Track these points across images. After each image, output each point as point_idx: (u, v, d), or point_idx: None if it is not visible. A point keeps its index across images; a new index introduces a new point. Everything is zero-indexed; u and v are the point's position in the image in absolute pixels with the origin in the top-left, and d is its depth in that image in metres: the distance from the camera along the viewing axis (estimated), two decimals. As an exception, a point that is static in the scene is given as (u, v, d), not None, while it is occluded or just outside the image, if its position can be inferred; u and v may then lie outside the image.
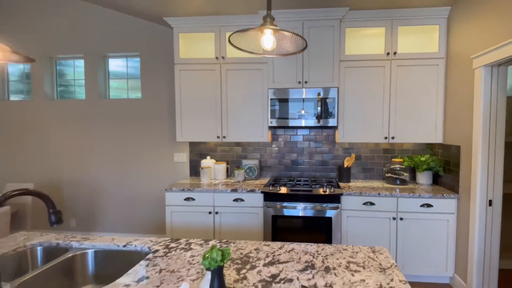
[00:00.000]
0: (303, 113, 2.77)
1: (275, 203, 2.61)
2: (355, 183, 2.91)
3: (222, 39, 2.90)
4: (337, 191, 2.56)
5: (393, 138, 2.78)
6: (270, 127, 2.93)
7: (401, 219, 2.54)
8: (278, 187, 2.63)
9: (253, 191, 2.65)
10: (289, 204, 2.59)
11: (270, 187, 2.66)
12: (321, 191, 2.56)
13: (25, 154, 3.60)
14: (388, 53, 2.73)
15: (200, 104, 2.97)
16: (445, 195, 2.46)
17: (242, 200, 2.67)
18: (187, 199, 2.70)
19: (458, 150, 2.48)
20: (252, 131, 2.94)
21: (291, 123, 2.79)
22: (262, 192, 2.64)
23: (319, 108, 2.71)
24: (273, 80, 2.84)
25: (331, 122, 2.74)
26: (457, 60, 2.52)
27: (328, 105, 2.75)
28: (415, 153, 3.06)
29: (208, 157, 3.10)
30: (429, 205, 2.50)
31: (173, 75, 3.31)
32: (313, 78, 2.80)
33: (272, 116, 2.81)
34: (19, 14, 3.51)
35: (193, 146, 3.33)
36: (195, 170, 3.33)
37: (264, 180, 3.06)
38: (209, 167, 2.93)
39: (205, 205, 2.69)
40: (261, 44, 1.00)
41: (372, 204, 2.56)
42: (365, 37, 2.96)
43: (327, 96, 2.74)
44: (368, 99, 2.80)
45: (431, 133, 2.75)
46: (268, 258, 1.27)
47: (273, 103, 2.81)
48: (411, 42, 2.89)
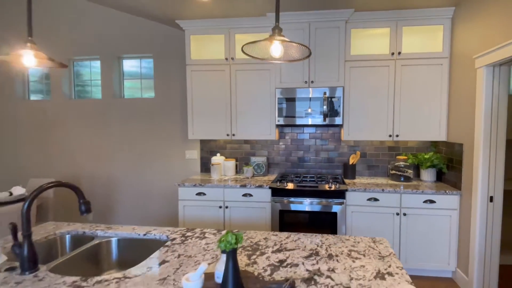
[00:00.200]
0: (310, 111, 2.87)
1: (282, 198, 2.72)
2: (360, 180, 2.99)
3: (232, 41, 3.01)
4: (342, 187, 2.66)
5: (397, 136, 2.85)
6: (278, 125, 3.04)
7: (405, 214, 2.62)
8: (285, 183, 2.75)
9: (261, 186, 2.76)
10: (296, 199, 2.70)
11: (278, 183, 2.77)
12: (326, 187, 2.66)
13: (46, 150, 3.80)
14: (392, 53, 2.80)
15: (210, 103, 3.10)
16: (447, 191, 2.54)
17: (251, 195, 2.79)
18: (198, 194, 2.84)
19: (461, 147, 2.54)
20: (260, 129, 3.05)
21: (298, 121, 2.89)
22: (270, 188, 2.75)
23: (325, 107, 2.81)
24: (280, 80, 2.94)
25: (337, 120, 2.83)
26: (460, 60, 2.58)
27: (333, 104, 2.84)
28: (419, 150, 3.13)
29: (218, 154, 3.23)
30: (432, 201, 2.57)
31: (185, 75, 3.44)
32: (319, 78, 2.89)
33: (280, 114, 2.92)
34: (41, 19, 3.68)
35: (203, 143, 3.47)
36: (205, 166, 3.47)
37: (271, 177, 3.17)
38: (219, 163, 3.07)
39: (216, 200, 2.83)
40: (270, 52, 1.11)
41: (376, 200, 2.65)
42: (370, 37, 3.03)
43: (332, 95, 2.83)
44: (373, 98, 2.87)
45: (435, 131, 2.81)
46: (276, 246, 1.39)
47: (280, 102, 2.91)
48: (416, 42, 2.96)
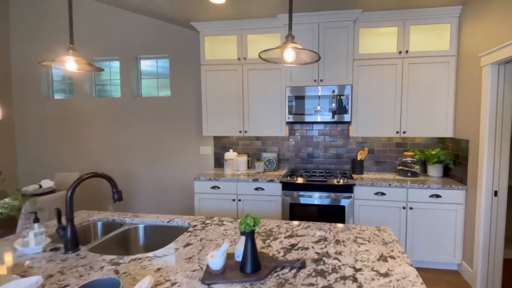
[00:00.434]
0: (319, 109, 2.98)
1: (292, 192, 2.85)
2: (368, 175, 3.09)
3: (244, 41, 3.14)
4: (350, 181, 2.77)
5: (404, 132, 2.94)
6: (288, 123, 3.16)
7: (411, 208, 2.71)
8: (295, 178, 2.87)
9: (272, 181, 2.90)
10: (305, 193, 2.83)
11: (288, 177, 2.90)
12: (335, 182, 2.77)
13: (69, 147, 4.03)
14: (400, 52, 2.88)
15: (223, 101, 3.24)
16: (453, 186, 2.62)
17: (263, 189, 2.93)
18: (213, 187, 3.00)
19: (467, 144, 2.61)
20: (271, 126, 3.18)
21: (307, 118, 3.00)
22: (280, 182, 2.88)
23: (334, 104, 2.91)
24: (291, 79, 3.06)
25: (345, 117, 2.94)
26: (467, 58, 2.64)
27: (342, 102, 2.94)
28: (426, 147, 3.20)
29: (231, 150, 3.38)
30: (437, 196, 2.66)
31: (200, 75, 3.60)
32: (328, 76, 2.99)
33: (290, 112, 3.04)
34: (65, 22, 3.90)
35: (217, 140, 3.63)
36: (219, 162, 3.63)
37: (282, 172, 3.30)
38: (232, 159, 3.22)
39: (229, 193, 2.98)
40: (283, 57, 1.24)
41: (383, 194, 2.74)
42: (377, 36, 3.11)
43: (341, 93, 2.93)
44: (381, 96, 2.96)
45: (441, 127, 2.88)
46: (288, 233, 1.53)
47: (290, 100, 3.03)
48: (423, 41, 3.02)
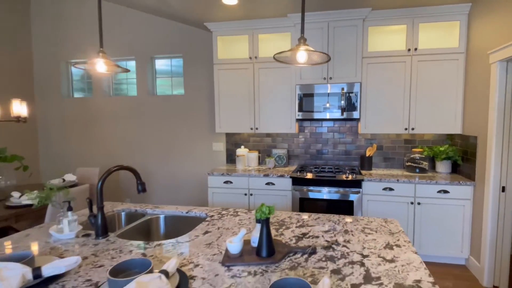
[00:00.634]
0: (328, 106, 3.05)
1: (302, 187, 2.94)
2: (376, 171, 3.16)
3: (255, 41, 3.23)
4: (359, 177, 2.84)
5: (413, 129, 2.98)
6: (297, 120, 3.24)
7: (419, 203, 2.77)
8: (304, 173, 2.96)
9: (282, 176, 3.00)
10: (315, 188, 2.91)
11: (298, 173, 2.99)
12: (343, 177, 2.85)
13: (89, 143, 4.22)
14: (409, 49, 2.92)
15: (235, 99, 3.35)
16: (461, 182, 2.66)
17: (273, 184, 3.03)
18: (226, 182, 3.12)
19: (475, 140, 2.65)
20: (281, 123, 3.27)
21: (317, 115, 3.08)
22: (290, 177, 2.98)
23: (343, 101, 2.98)
24: (301, 77, 3.14)
25: (354, 114, 3.00)
26: (476, 55, 2.67)
27: (351, 99, 3.00)
28: (435, 143, 3.24)
29: (242, 147, 3.49)
30: (445, 191, 2.70)
31: (212, 73, 3.71)
32: (337, 74, 3.06)
33: (299, 109, 3.12)
34: (85, 23, 4.07)
35: (229, 136, 3.74)
36: (231, 158, 3.75)
37: (292, 168, 3.39)
38: (243, 155, 3.33)
39: (241, 188, 3.10)
40: (296, 58, 1.33)
41: (391, 189, 2.81)
42: (386, 33, 3.16)
43: (350, 91, 2.99)
44: (390, 93, 3.01)
45: (450, 124, 2.92)
46: (299, 223, 1.62)
47: (300, 98, 3.11)
48: (432, 38, 3.05)
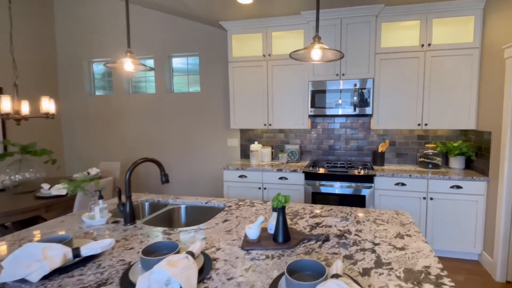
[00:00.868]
0: (340, 102, 3.09)
1: (315, 181, 3.00)
2: (389, 167, 3.18)
3: (269, 38, 3.29)
4: (371, 172, 2.88)
5: (426, 125, 2.99)
6: (310, 116, 3.30)
7: (431, 199, 2.79)
8: (317, 168, 3.03)
9: (295, 171, 3.07)
10: (327, 182, 2.97)
11: (310, 168, 3.06)
12: (355, 172, 2.90)
13: (109, 138, 4.43)
14: (422, 45, 2.92)
15: (249, 96, 3.43)
16: (474, 177, 2.66)
17: (286, 179, 3.11)
18: (240, 176, 3.22)
19: (489, 135, 2.65)
20: (293, 119, 3.34)
21: (329, 111, 3.13)
22: (303, 172, 3.05)
23: (355, 97, 3.02)
24: (313, 74, 3.19)
25: (367, 110, 3.03)
26: (490, 50, 2.66)
27: (364, 95, 3.03)
28: (449, 139, 3.23)
29: (256, 142, 3.58)
30: (458, 187, 2.71)
31: (227, 71, 3.81)
32: (350, 70, 3.09)
33: (312, 105, 3.17)
34: (105, 24, 4.25)
35: (243, 132, 3.84)
36: (245, 153, 3.85)
37: (304, 163, 3.46)
38: (257, 150, 3.42)
39: (255, 182, 3.19)
40: (310, 56, 1.40)
41: (403, 184, 2.84)
42: (399, 29, 3.16)
43: (363, 87, 3.03)
44: (402, 88, 3.03)
45: (464, 120, 2.92)
46: (312, 214, 1.70)
47: (313, 94, 3.16)
48: (446, 33, 3.04)
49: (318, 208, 1.80)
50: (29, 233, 1.48)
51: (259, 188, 3.19)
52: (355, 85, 3.02)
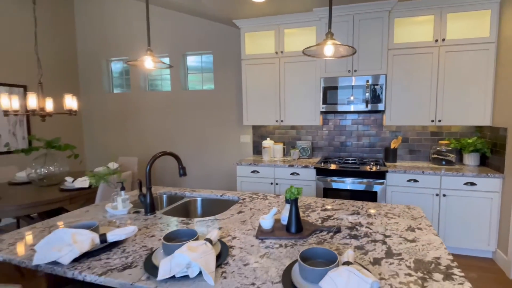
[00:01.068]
0: (352, 99, 3.10)
1: (326, 177, 3.04)
2: (401, 163, 3.18)
3: (281, 36, 3.33)
4: (383, 168, 2.89)
5: (439, 121, 2.97)
6: (322, 112, 3.32)
7: (444, 195, 2.77)
8: (328, 164, 3.06)
9: (307, 167, 3.11)
10: (338, 178, 3.00)
11: (322, 164, 3.09)
12: (367, 168, 2.91)
13: (127, 134, 4.59)
14: (436, 40, 2.90)
15: (262, 93, 3.49)
16: (489, 174, 2.64)
17: (298, 174, 3.15)
18: (253, 171, 3.29)
19: (505, 132, 2.61)
20: (305, 116, 3.37)
21: (341, 108, 3.15)
22: (314, 168, 3.08)
23: (367, 94, 3.02)
24: (325, 70, 3.21)
25: (379, 106, 3.03)
26: (507, 45, 2.61)
27: (376, 91, 3.03)
28: (463, 136, 3.20)
29: (268, 139, 3.64)
30: (472, 184, 2.69)
31: (240, 69, 3.88)
32: (362, 66, 3.10)
33: (324, 102, 3.20)
34: (123, 24, 4.38)
35: (255, 129, 3.91)
36: (257, 149, 3.91)
37: (315, 159, 3.49)
38: (269, 146, 3.48)
39: (268, 177, 3.25)
40: (323, 52, 1.44)
41: (416, 181, 2.83)
42: (413, 24, 3.14)
43: (375, 83, 3.03)
44: (416, 84, 3.01)
45: (479, 116, 2.88)
46: (324, 207, 1.75)
47: (324, 91, 3.18)
48: (461, 28, 3.00)
49: (329, 202, 1.85)
50: (57, 221, 1.58)
51: (271, 183, 3.25)
52: (367, 81, 3.02)
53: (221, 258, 1.11)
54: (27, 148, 2.60)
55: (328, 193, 3.04)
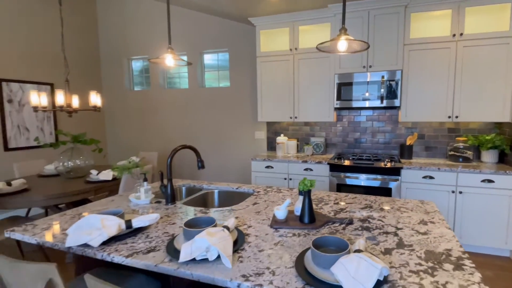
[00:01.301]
0: (367, 95, 3.10)
1: (339, 173, 3.06)
2: (417, 160, 3.15)
3: (296, 33, 3.36)
4: (397, 164, 2.88)
5: (457, 117, 2.93)
6: (336, 108, 3.33)
7: (460, 192, 2.74)
8: (342, 160, 3.08)
9: (320, 162, 3.14)
10: (352, 174, 3.02)
11: (335, 160, 3.11)
12: (382, 164, 2.91)
13: (147, 130, 4.78)
14: (454, 35, 2.85)
15: (276, 89, 3.54)
16: (508, 171, 2.58)
17: (311, 170, 3.19)
18: (267, 167, 3.36)
19: (525, 128, 2.55)
20: (319, 112, 3.39)
21: (355, 104, 3.15)
22: (328, 164, 3.11)
23: (383, 90, 3.01)
24: (340, 66, 3.22)
25: (395, 102, 3.02)
26: (530, 40, 2.54)
27: (391, 87, 3.02)
28: (481, 132, 3.13)
29: (282, 135, 3.69)
30: (490, 181, 2.65)
31: (255, 66, 3.94)
32: (377, 62, 3.09)
33: (338, 98, 3.21)
34: (143, 23, 4.54)
35: (269, 125, 3.97)
36: (271, 145, 3.98)
37: (329, 155, 3.51)
38: (283, 143, 3.53)
39: (281, 172, 3.31)
40: (336, 47, 1.48)
41: (431, 178, 2.81)
42: (429, 19, 3.09)
43: (391, 79, 3.01)
44: (432, 80, 2.97)
45: (498, 112, 2.82)
46: (337, 200, 1.79)
47: (339, 87, 3.19)
48: (479, 22, 2.94)
49: (342, 196, 1.89)
50: (85, 209, 1.70)
51: (285, 178, 3.30)
52: (383, 77, 3.01)
53: (238, 244, 1.18)
54: (55, 142, 2.77)
55: (342, 189, 3.06)
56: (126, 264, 1.14)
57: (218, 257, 1.08)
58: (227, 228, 1.21)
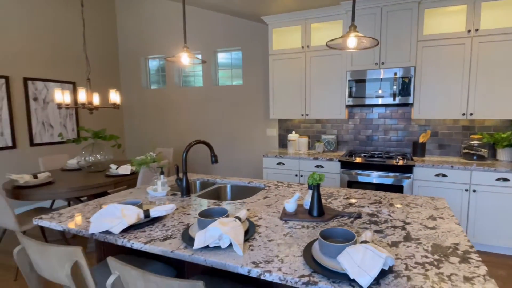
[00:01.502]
0: (380, 92, 3.09)
1: (351, 170, 3.07)
2: (430, 158, 3.13)
3: (308, 30, 3.39)
4: (410, 162, 2.87)
5: (471, 114, 2.89)
6: (347, 106, 3.34)
7: (474, 191, 2.71)
8: (353, 157, 3.09)
9: (331, 159, 3.17)
10: (363, 172, 3.03)
11: (347, 157, 3.13)
12: (393, 162, 2.91)
13: (163, 127, 4.94)
14: (469, 30, 2.80)
15: (288, 87, 3.58)
16: (524, 169, 2.54)
17: (322, 167, 3.22)
18: (278, 163, 3.41)
19: (544, 126, 2.50)
20: (331, 109, 3.41)
21: (367, 101, 3.15)
22: (339, 161, 3.13)
23: (395, 87, 3.00)
24: (352, 63, 3.22)
25: (408, 99, 3.00)
26: (550, 35, 2.48)
27: (404, 84, 3.00)
28: (497, 130, 3.07)
29: (293, 132, 3.73)
30: (505, 179, 2.60)
31: (267, 64, 3.99)
32: (390, 59, 3.07)
33: (350, 95, 3.21)
34: (157, 23, 4.67)
35: (281, 123, 4.01)
36: (283, 142, 4.02)
37: (340, 153, 3.52)
38: (294, 140, 3.57)
39: (292, 169, 3.35)
40: (346, 44, 1.51)
41: (444, 176, 2.79)
42: (444, 15, 3.05)
43: (404, 75, 2.99)
44: (446, 77, 2.94)
45: (515, 109, 2.76)
46: (346, 196, 1.82)
47: (350, 84, 3.20)
48: (495, 17, 2.87)
49: (351, 191, 1.92)
50: (106, 200, 1.81)
51: (296, 175, 3.34)
52: (395, 73, 3.00)
53: (249, 234, 1.25)
54: (77, 138, 2.92)
55: (353, 186, 3.08)
56: (144, 250, 1.22)
57: (230, 245, 1.14)
58: (239, 219, 1.28)
